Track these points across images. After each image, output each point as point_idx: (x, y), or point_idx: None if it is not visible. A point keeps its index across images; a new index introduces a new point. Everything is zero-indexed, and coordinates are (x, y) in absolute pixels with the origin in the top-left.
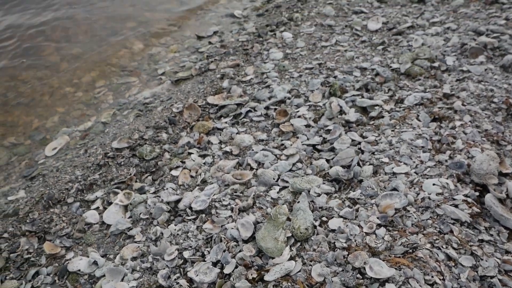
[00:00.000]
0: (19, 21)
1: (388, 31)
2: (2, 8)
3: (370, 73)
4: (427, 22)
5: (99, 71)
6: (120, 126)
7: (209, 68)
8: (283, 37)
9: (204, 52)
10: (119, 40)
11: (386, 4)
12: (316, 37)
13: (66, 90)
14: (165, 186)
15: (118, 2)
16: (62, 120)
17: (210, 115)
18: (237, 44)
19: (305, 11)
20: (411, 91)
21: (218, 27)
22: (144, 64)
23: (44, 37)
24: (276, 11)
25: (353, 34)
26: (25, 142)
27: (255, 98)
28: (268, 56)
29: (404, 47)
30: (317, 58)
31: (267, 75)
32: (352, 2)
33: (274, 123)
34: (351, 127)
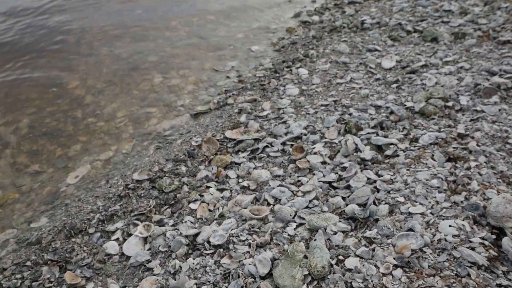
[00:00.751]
0: (49, 56)
1: (402, 69)
2: (31, 39)
3: (384, 111)
4: (440, 61)
5: (120, 102)
6: (140, 158)
7: (227, 103)
8: (299, 73)
9: (222, 86)
10: (141, 72)
11: (400, 43)
12: (331, 74)
13: (89, 121)
14: (184, 219)
15: (141, 37)
16: (84, 149)
17: (228, 149)
18: (254, 79)
19: (320, 48)
20: (425, 130)
21: (236, 62)
22: (164, 96)
23: (70, 71)
24: (292, 48)
25: (368, 72)
26: (48, 170)
27: (272, 134)
28: (284, 91)
29: (418, 86)
30: (332, 95)
31: (284, 111)
32: (366, 40)
33: (290, 159)
34: (366, 165)
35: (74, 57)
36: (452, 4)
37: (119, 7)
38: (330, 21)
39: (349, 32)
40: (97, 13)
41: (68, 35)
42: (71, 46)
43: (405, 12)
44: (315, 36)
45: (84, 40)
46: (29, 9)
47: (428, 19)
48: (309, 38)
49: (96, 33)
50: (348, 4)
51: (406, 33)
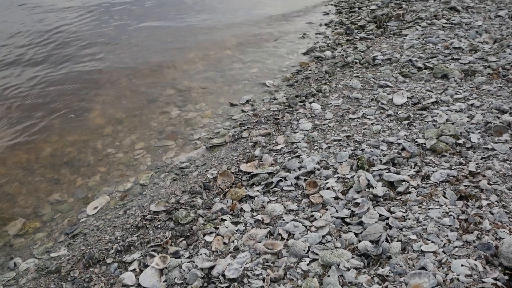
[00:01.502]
0: (69, 85)
1: (413, 105)
2: (52, 69)
3: (396, 148)
4: (450, 98)
5: (139, 134)
6: (157, 189)
7: (242, 136)
8: (312, 108)
9: (237, 119)
10: (159, 105)
11: (411, 79)
12: (343, 109)
13: (108, 151)
14: (199, 251)
15: (159, 69)
16: (103, 180)
17: (243, 183)
18: (268, 113)
19: (333, 83)
20: (437, 167)
21: (251, 95)
22: (181, 128)
23: (91, 101)
24: (305, 82)
25: (379, 108)
26: (68, 200)
27: (285, 168)
28: (298, 126)
29: (429, 123)
30: (345, 130)
31: (297, 145)
32: (377, 76)
33: (304, 194)
34: (378, 201)
35: (95, 87)
36: (462, 41)
37: (139, 40)
38: (342, 57)
39: (361, 68)
40: (117, 45)
41: (89, 66)
42: (92, 76)
43: (415, 49)
44: (328, 71)
45: (105, 71)
46: (51, 39)
47: (439, 56)
48: (322, 73)
49: (117, 65)
50: (360, 40)
51: (417, 70)
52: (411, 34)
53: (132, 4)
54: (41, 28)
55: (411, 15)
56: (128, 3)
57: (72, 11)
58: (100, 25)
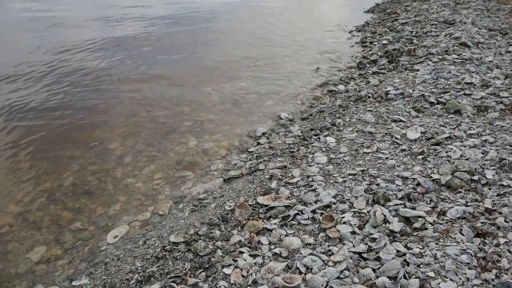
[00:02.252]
0: (90, 116)
1: (427, 140)
2: (73, 98)
3: (411, 183)
4: (464, 133)
5: (157, 164)
6: (176, 220)
7: (258, 168)
8: (327, 142)
9: (253, 152)
10: (177, 136)
11: (424, 114)
12: (358, 143)
13: (128, 181)
14: (218, 283)
15: (177, 101)
16: (123, 209)
17: (260, 215)
18: (284, 146)
19: (347, 117)
20: (452, 203)
21: (266, 128)
22: (198, 159)
23: (111, 131)
24: (319, 116)
25: (393, 142)
26: (89, 228)
27: (302, 201)
28: (313, 159)
29: (443, 158)
30: (360, 164)
31: (313, 179)
32: (390, 110)
33: (321, 228)
34: (395, 236)
35: (115, 118)
36: (473, 76)
37: (156, 73)
38: (356, 91)
39: (374, 102)
40: (136, 78)
41: (110, 97)
42: (113, 107)
43: (427, 84)
44: (342, 105)
45: (124, 103)
46: (73, 67)
47: (451, 91)
48: (335, 107)
49: (136, 97)
50: (372, 74)
51: (430, 105)
52: (423, 69)
53: (148, 39)
54: (63, 64)
55: (422, 50)
56: (144, 38)
57: (91, 45)
58: (119, 59)
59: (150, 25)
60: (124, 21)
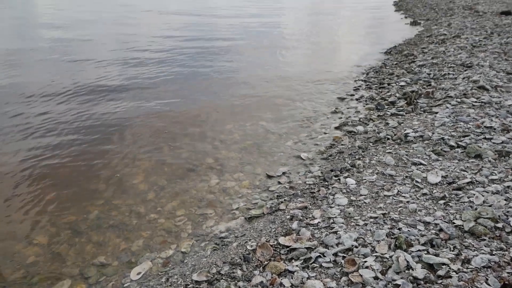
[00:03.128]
0: (116, 150)
1: (448, 185)
2: (99, 131)
3: (433, 228)
4: (486, 179)
5: (180, 201)
6: (198, 258)
7: (279, 208)
8: (347, 183)
9: (274, 191)
10: (199, 173)
11: (444, 157)
12: (378, 185)
13: (151, 217)
14: None
15: (199, 138)
16: (146, 245)
17: (282, 256)
18: (304, 186)
19: (366, 159)
20: (477, 251)
21: (286, 167)
22: (220, 197)
23: (134, 166)
24: (339, 157)
25: (414, 186)
26: (113, 263)
27: (323, 243)
28: (333, 201)
29: (466, 203)
30: (381, 207)
31: (334, 221)
32: (410, 153)
33: (343, 271)
34: (419, 284)
35: (140, 152)
36: (493, 120)
37: (179, 108)
38: (375, 132)
39: (393, 144)
40: (160, 111)
41: (134, 131)
42: (136, 141)
43: (447, 127)
44: (361, 147)
45: (147, 139)
46: (96, 102)
47: (471, 135)
48: (355, 148)
49: (160, 130)
50: (391, 116)
51: (450, 148)
52: (442, 111)
53: (168, 74)
54: (87, 98)
55: (441, 93)
56: (164, 73)
57: (115, 82)
58: (142, 94)
59: (169, 60)
60: (145, 54)
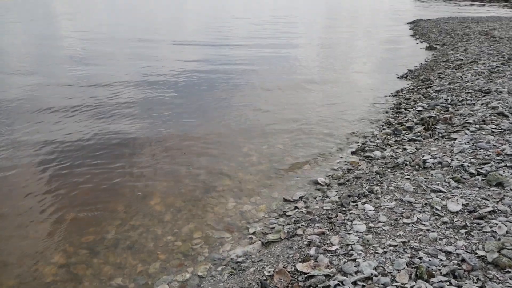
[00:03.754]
0: (134, 171)
1: (469, 213)
2: (116, 152)
3: (455, 258)
4: (508, 208)
5: (196, 223)
6: (215, 283)
7: (297, 233)
8: (365, 209)
9: (291, 216)
10: (216, 195)
11: (464, 185)
12: (397, 212)
13: (168, 239)
14: None
15: (216, 159)
16: (162, 268)
17: (299, 283)
18: (321, 212)
19: (384, 185)
20: (501, 284)
21: (303, 192)
22: (236, 221)
23: (152, 187)
24: (356, 182)
25: (434, 214)
26: (129, 286)
27: (341, 271)
28: (351, 227)
29: (488, 233)
30: (400, 235)
31: (352, 248)
32: (429, 179)
33: None
34: None
35: (157, 173)
36: None
37: (199, 131)
38: (392, 158)
39: (412, 170)
40: (178, 132)
41: (151, 153)
42: (154, 163)
43: (466, 154)
44: (379, 172)
45: (165, 161)
46: (114, 117)
47: (491, 162)
48: (372, 173)
49: (177, 152)
50: (409, 141)
51: (470, 175)
52: (460, 138)
53: (187, 97)
54: (106, 120)
55: (459, 119)
56: (181, 95)
57: (133, 106)
58: (160, 117)
59: (184, 81)
60: (160, 76)
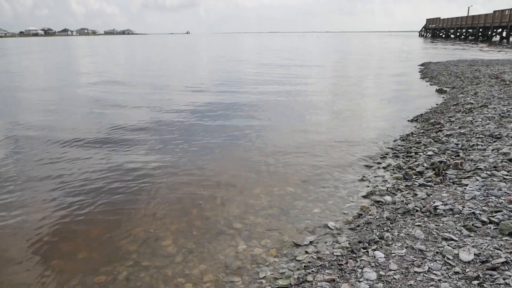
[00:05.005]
0: (147, 210)
1: (481, 264)
2: (129, 197)
3: None
4: None
5: (207, 265)
6: None
7: (307, 279)
8: (375, 256)
9: (301, 261)
10: (226, 238)
11: (476, 233)
12: (408, 260)
13: (178, 281)
14: None
15: (227, 201)
16: None
17: None
18: (332, 258)
19: (395, 231)
20: None
21: (314, 236)
22: (247, 265)
23: (164, 229)
24: (367, 227)
25: (445, 263)
26: None
27: None
28: (362, 275)
29: (502, 285)
30: (411, 285)
31: None
32: (440, 227)
33: None
34: None
35: (169, 213)
36: None
37: (212, 171)
38: (403, 203)
39: (423, 217)
40: (189, 171)
41: (164, 194)
42: (167, 201)
43: (477, 201)
44: (389, 218)
45: (178, 200)
46: (125, 152)
47: (503, 210)
48: (383, 219)
49: (189, 191)
50: (419, 186)
51: (482, 223)
52: (472, 184)
53: (201, 141)
54: (118, 155)
55: (470, 164)
56: (197, 142)
57: (150, 142)
58: (175, 154)
59: (196, 123)
60: (174, 118)
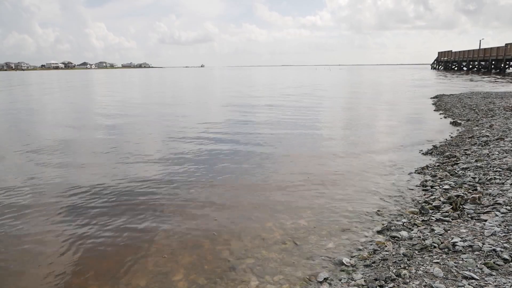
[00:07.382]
0: (160, 243)
1: None
2: (139, 229)
3: None
4: None
5: None
6: None
7: None
8: None
9: None
10: (238, 273)
11: (498, 272)
12: None
13: None
14: None
15: (239, 236)
16: None
17: None
18: None
19: (412, 268)
20: None
21: (328, 272)
22: None
23: (175, 262)
24: (383, 264)
25: None
26: None
27: None
28: None
29: None
30: None
31: None
32: (459, 264)
33: None
34: None
35: (180, 247)
36: None
37: (223, 205)
38: (420, 239)
39: (441, 253)
40: (201, 203)
41: (177, 221)
42: (178, 234)
43: (498, 237)
44: (406, 254)
45: (189, 233)
46: (136, 192)
47: None
48: (399, 255)
49: (201, 225)
50: (436, 221)
51: (503, 261)
52: (491, 219)
53: (212, 172)
54: (129, 188)
55: (488, 199)
56: (208, 172)
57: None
58: (187, 185)
59: (209, 153)
60: (187, 148)
